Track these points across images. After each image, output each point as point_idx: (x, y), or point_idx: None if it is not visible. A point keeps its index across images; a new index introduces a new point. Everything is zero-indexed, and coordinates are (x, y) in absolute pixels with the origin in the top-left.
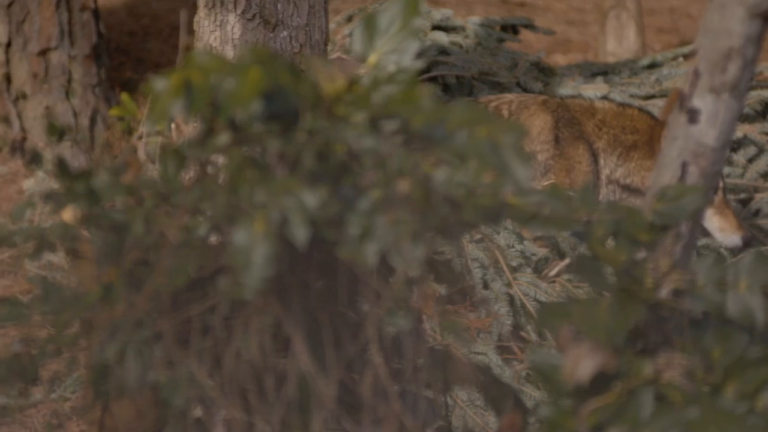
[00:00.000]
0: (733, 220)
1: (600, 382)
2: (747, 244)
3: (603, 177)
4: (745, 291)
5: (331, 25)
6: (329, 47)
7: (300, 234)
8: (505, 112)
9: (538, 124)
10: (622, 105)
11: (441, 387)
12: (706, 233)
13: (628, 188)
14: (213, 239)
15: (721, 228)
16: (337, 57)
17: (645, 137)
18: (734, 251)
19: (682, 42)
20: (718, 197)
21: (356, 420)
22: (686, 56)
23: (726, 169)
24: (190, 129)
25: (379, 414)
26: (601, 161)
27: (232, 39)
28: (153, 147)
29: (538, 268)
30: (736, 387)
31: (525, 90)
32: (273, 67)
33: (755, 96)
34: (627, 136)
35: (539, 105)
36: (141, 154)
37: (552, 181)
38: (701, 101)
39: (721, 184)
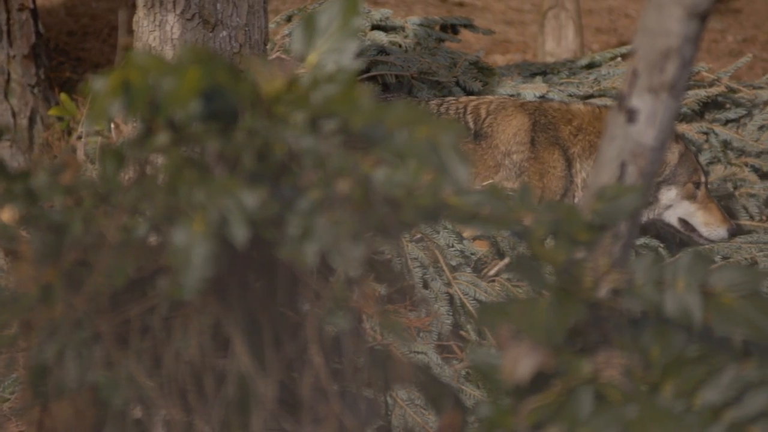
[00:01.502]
0: (718, 214)
1: (539, 381)
2: (733, 236)
3: (578, 181)
4: (683, 290)
5: (271, 25)
6: (269, 47)
7: (239, 234)
8: (483, 112)
9: (515, 125)
10: (600, 108)
11: (381, 386)
12: (693, 229)
13: None
14: (152, 239)
15: (706, 222)
16: (277, 57)
17: None
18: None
19: (620, 42)
20: (702, 192)
21: (296, 420)
22: (624, 56)
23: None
24: (130, 129)
25: (319, 414)
26: (577, 165)
27: (172, 39)
28: (92, 147)
29: (478, 267)
30: (674, 385)
31: (464, 90)
32: (212, 67)
33: (693, 95)
34: None
35: (517, 107)
36: (80, 154)
37: (526, 182)
38: (640, 101)
39: (703, 179)
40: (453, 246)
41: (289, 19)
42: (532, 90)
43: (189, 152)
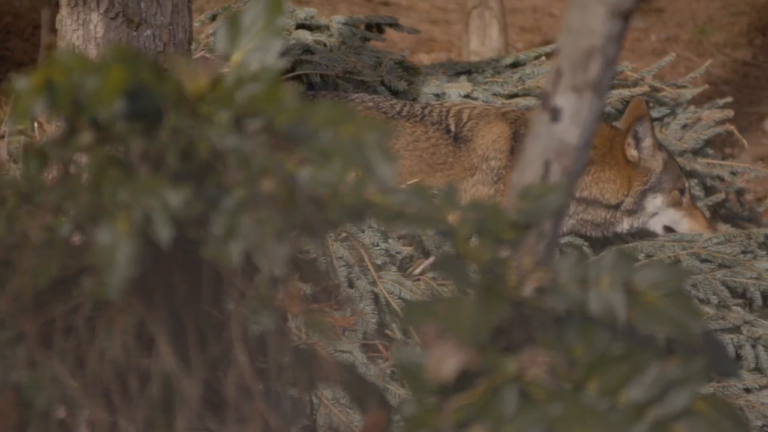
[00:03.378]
0: (702, 221)
1: (464, 379)
2: None
3: None
4: (607, 288)
5: (195, 24)
6: (193, 46)
7: (164, 233)
8: (465, 116)
9: (496, 131)
10: None
11: (306, 385)
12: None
13: (584, 201)
14: (76, 239)
15: (691, 229)
16: (201, 56)
17: (602, 151)
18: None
19: (544, 41)
20: (686, 199)
21: (221, 419)
22: (549, 55)
23: None
24: (53, 128)
25: (244, 413)
26: None
27: (95, 38)
28: (15, 146)
29: (403, 266)
30: (598, 384)
31: (389, 89)
32: (136, 66)
33: (617, 95)
34: None
35: (499, 115)
36: (3, 154)
37: (501, 190)
38: (564, 100)
39: (687, 185)
40: (378, 245)
41: (213, 18)
42: (456, 89)
43: (113, 151)
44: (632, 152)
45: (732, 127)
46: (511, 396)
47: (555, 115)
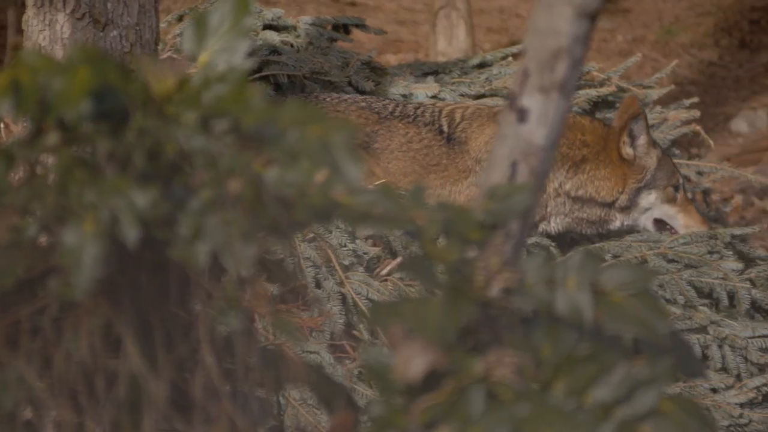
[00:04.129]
0: (697, 216)
1: (431, 380)
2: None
3: (551, 190)
4: (573, 289)
5: (162, 25)
6: (160, 47)
7: (130, 234)
8: (458, 117)
9: (488, 133)
10: (574, 116)
11: (273, 386)
12: (669, 231)
13: (580, 199)
14: (42, 240)
15: (686, 225)
16: (168, 56)
17: (596, 149)
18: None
19: (511, 41)
20: (681, 195)
21: (188, 420)
22: (515, 56)
23: None
24: (20, 128)
25: (211, 414)
26: (549, 175)
27: (62, 38)
28: None
29: (370, 266)
30: (565, 384)
31: (356, 89)
32: (102, 67)
33: (583, 95)
34: (575, 151)
35: (491, 116)
36: None
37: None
38: (531, 100)
39: (681, 181)
40: (346, 245)
41: (180, 19)
42: (424, 90)
43: (79, 152)
44: (627, 150)
45: (698, 128)
46: (478, 396)
47: (522, 115)
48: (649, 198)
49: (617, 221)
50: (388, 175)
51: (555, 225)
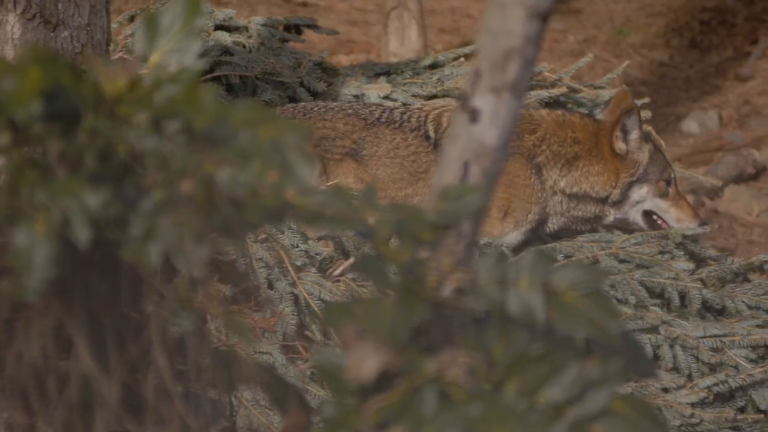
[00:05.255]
0: (689, 210)
1: (384, 380)
2: (704, 229)
3: (547, 188)
4: (525, 289)
5: (113, 25)
6: (111, 47)
7: (82, 235)
8: (445, 121)
9: None
10: (564, 114)
11: (225, 387)
12: (658, 224)
13: (575, 196)
14: None
15: (678, 218)
16: (119, 57)
17: (588, 145)
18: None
19: (463, 42)
20: (672, 189)
21: (140, 421)
22: (467, 56)
23: None
24: None
25: (163, 415)
26: (544, 173)
27: (12, 39)
28: None
29: (323, 267)
30: (517, 384)
31: (308, 90)
32: (53, 67)
33: (535, 96)
34: (567, 149)
35: None
36: None
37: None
38: (482, 101)
39: (673, 175)
40: (298, 246)
41: (131, 19)
42: (376, 90)
43: (31, 153)
44: (620, 145)
45: (649, 128)
46: (431, 396)
47: (474, 116)
48: (640, 192)
49: (610, 216)
50: (377, 182)
51: (551, 225)
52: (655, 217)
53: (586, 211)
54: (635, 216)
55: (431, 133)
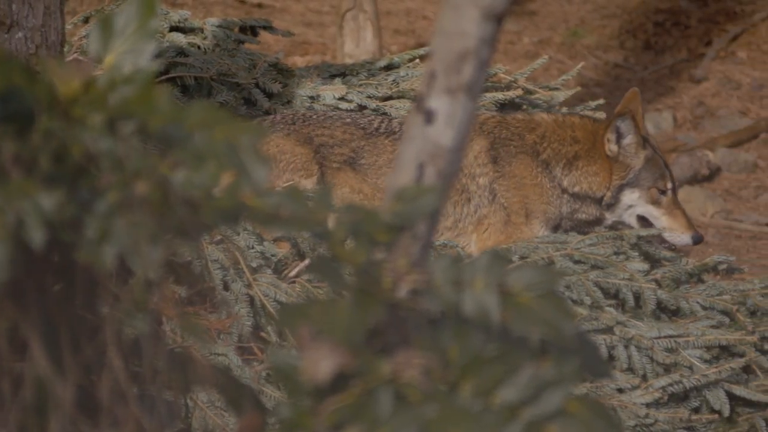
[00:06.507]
0: (683, 220)
1: (339, 381)
2: (697, 242)
3: (555, 185)
4: (480, 290)
5: (68, 27)
6: (66, 49)
7: (36, 237)
8: None
9: (476, 149)
10: (563, 115)
11: (181, 388)
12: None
13: (577, 196)
14: None
15: (669, 228)
16: (74, 58)
17: (587, 145)
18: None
19: (418, 43)
20: (667, 198)
21: (95, 423)
22: (423, 58)
23: None
24: None
25: (118, 417)
26: (551, 170)
27: None
28: None
29: (278, 268)
30: (472, 385)
31: (263, 91)
32: (7, 69)
33: (490, 97)
34: (567, 148)
35: (476, 129)
36: None
37: (502, 203)
38: (438, 102)
39: (669, 186)
40: (253, 247)
41: (86, 21)
42: (331, 91)
43: None
44: (611, 147)
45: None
46: (386, 398)
47: (429, 117)
48: (632, 196)
49: (608, 219)
50: (378, 192)
51: (563, 227)
52: (651, 224)
53: (589, 214)
54: (630, 220)
55: None
